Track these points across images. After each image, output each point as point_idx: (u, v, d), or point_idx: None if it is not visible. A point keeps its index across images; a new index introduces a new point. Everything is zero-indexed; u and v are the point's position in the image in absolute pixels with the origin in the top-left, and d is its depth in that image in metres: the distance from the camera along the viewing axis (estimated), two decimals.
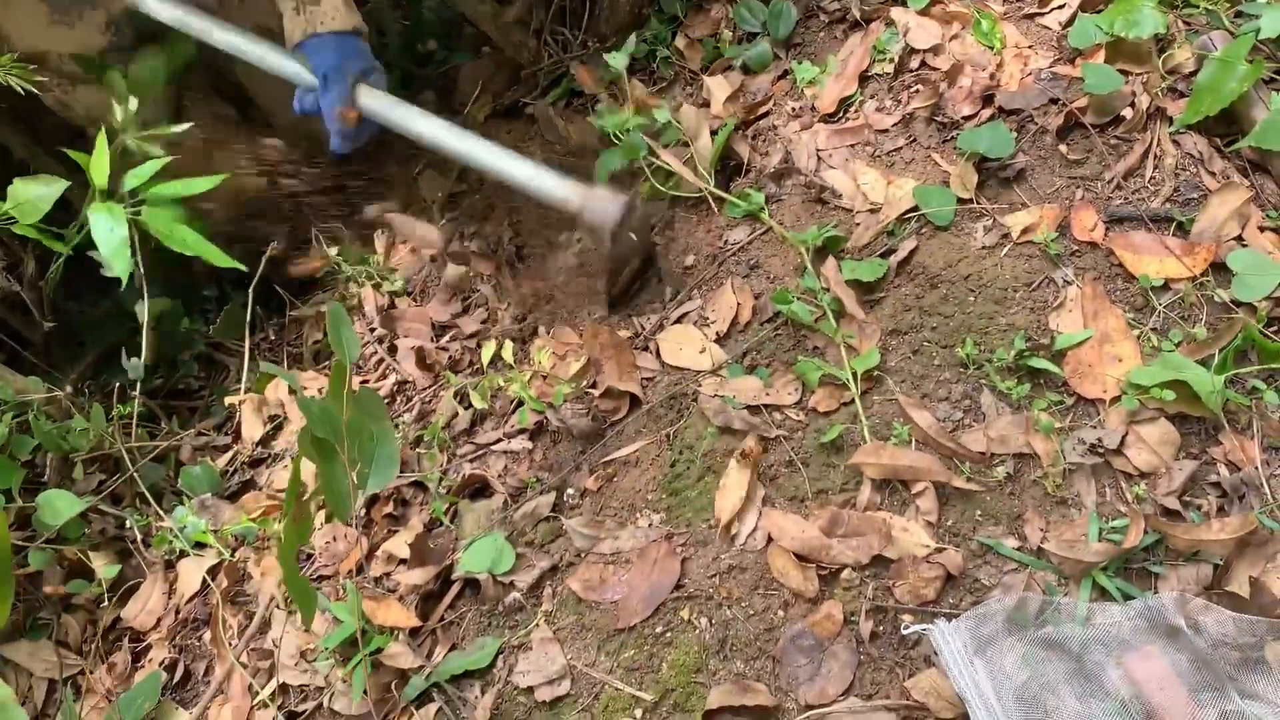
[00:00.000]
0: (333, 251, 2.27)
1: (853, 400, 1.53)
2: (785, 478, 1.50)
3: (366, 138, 1.78)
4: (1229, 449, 1.37)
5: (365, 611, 1.57)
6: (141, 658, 1.84)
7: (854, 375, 1.52)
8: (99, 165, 1.74)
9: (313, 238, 2.35)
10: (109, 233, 1.69)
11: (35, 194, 1.80)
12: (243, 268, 1.84)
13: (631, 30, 2.35)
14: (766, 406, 1.57)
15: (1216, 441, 1.38)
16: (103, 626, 1.89)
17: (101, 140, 1.77)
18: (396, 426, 1.89)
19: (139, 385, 2.04)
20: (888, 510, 1.42)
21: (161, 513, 1.94)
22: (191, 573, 1.86)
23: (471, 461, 1.77)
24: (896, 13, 1.96)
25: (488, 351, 1.85)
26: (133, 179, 1.76)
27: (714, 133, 1.98)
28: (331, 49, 1.68)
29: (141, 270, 1.89)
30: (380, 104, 1.78)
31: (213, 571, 1.85)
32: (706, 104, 2.10)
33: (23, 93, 1.85)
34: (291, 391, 2.04)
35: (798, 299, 1.66)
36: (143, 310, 1.97)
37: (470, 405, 1.85)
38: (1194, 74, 1.69)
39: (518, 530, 1.62)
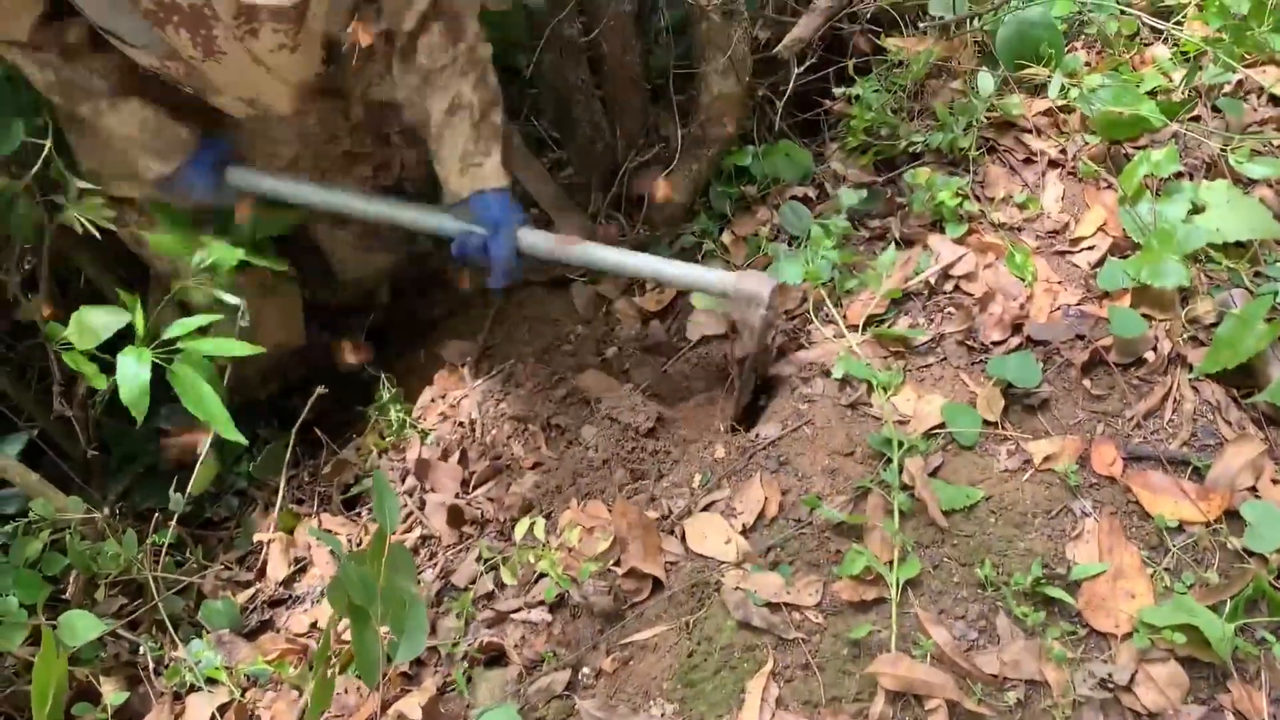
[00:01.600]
0: (385, 396, 2.36)
1: (877, 603, 1.56)
2: (800, 680, 1.52)
3: (520, 273, 2.01)
4: (1237, 698, 1.40)
5: None
6: None
7: (897, 584, 1.56)
8: (141, 313, 1.85)
9: (379, 377, 2.43)
10: (132, 376, 1.76)
11: (97, 323, 1.89)
12: (244, 441, 1.87)
13: (682, 222, 2.49)
14: (787, 605, 1.61)
15: (1225, 689, 1.41)
16: None
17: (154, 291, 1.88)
18: (417, 581, 1.92)
19: (175, 516, 2.08)
20: None
21: (178, 642, 1.96)
22: (200, 708, 1.86)
23: (490, 627, 1.80)
24: (934, 239, 2.09)
25: (521, 529, 1.90)
26: (177, 328, 1.85)
27: None
28: (496, 203, 1.94)
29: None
30: (539, 240, 1.98)
31: (222, 709, 1.85)
32: None
33: (97, 234, 1.98)
34: (333, 553, 2.08)
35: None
36: (204, 443, 2.04)
37: (494, 568, 1.89)
38: (1214, 325, 1.79)
39: (530, 704, 1.63)
